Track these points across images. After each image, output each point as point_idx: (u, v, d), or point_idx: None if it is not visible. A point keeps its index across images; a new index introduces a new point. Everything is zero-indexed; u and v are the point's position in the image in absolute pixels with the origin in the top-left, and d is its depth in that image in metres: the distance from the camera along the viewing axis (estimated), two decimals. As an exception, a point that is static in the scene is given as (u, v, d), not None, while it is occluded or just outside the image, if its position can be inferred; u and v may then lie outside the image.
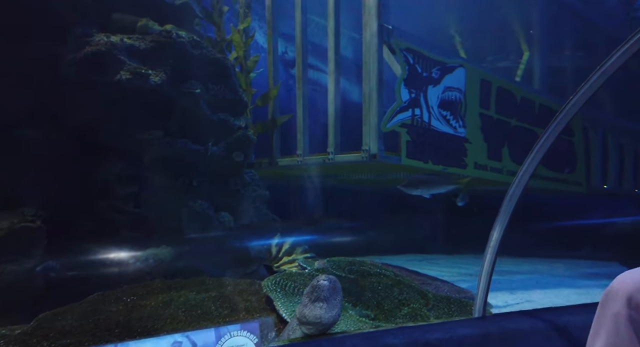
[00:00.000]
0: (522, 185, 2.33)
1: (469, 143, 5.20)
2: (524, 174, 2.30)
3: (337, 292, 2.33)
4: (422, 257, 7.83)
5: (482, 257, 7.82)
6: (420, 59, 4.77)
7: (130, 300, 2.70)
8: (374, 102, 4.47)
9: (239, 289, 3.10)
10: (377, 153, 4.44)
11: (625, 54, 1.80)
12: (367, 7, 4.46)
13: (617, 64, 1.81)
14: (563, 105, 2.07)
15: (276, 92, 5.16)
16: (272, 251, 4.66)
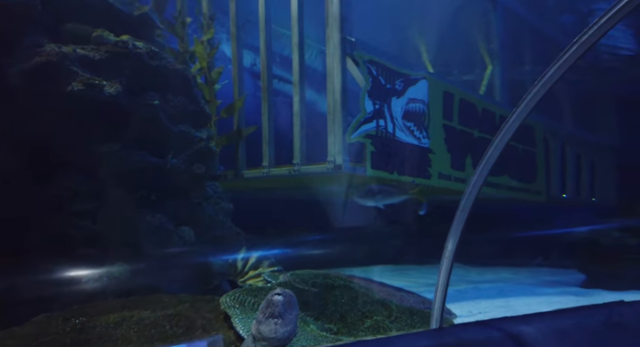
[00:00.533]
0: (473, 196, 2.36)
1: (433, 154, 5.28)
2: (474, 186, 2.34)
3: (293, 306, 2.29)
4: (394, 267, 7.85)
5: (454, 268, 7.83)
6: (384, 71, 4.84)
7: (78, 321, 2.57)
8: (338, 113, 4.49)
9: (197, 306, 3.00)
10: (342, 164, 4.45)
11: (561, 68, 1.86)
12: (329, 19, 4.51)
13: (554, 77, 1.86)
14: (507, 119, 2.11)
15: (241, 104, 5.12)
16: (238, 265, 4.57)
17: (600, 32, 1.74)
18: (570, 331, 2.48)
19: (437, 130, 5.37)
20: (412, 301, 4.29)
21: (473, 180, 2.34)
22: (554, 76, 1.90)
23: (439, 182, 5.33)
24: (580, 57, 1.83)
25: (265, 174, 4.87)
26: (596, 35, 1.76)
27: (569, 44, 1.84)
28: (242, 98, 5.15)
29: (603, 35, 1.75)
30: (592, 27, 1.77)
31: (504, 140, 2.15)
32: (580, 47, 1.80)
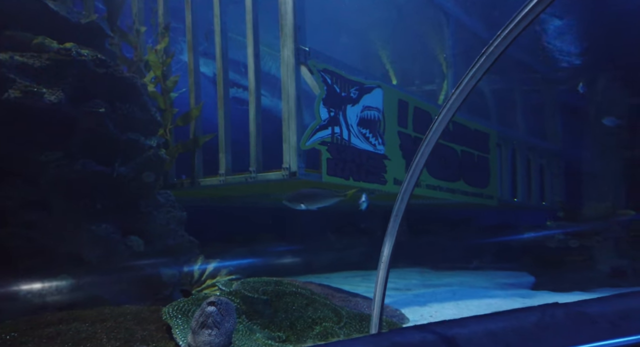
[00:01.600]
0: (405, 202, 2.43)
1: (388, 160, 5.39)
2: (405, 192, 2.40)
3: (229, 315, 2.29)
4: (360, 273, 7.92)
5: (410, 270, 7.99)
6: (339, 79, 4.92)
7: (9, 337, 2.49)
8: (292, 120, 4.52)
9: (140, 317, 2.95)
10: (297, 171, 4.47)
11: (476, 75, 1.95)
12: (283, 29, 4.56)
13: (470, 86, 1.96)
14: (430, 126, 2.19)
15: (198, 112, 5.09)
16: (195, 274, 4.52)
17: (504, 44, 1.84)
18: (503, 332, 2.57)
19: (393, 137, 5.49)
20: (366, 306, 4.35)
21: (404, 186, 2.41)
22: (467, 86, 1.99)
23: (395, 187, 5.43)
24: (489, 68, 1.93)
25: (221, 182, 4.84)
26: (501, 47, 1.86)
27: (478, 56, 1.93)
28: (199, 106, 5.12)
29: (508, 46, 1.86)
30: (496, 39, 1.86)
31: (427, 150, 2.22)
32: (487, 59, 1.90)
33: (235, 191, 5.23)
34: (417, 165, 2.37)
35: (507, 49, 1.90)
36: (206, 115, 5.48)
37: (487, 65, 1.96)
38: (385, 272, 2.59)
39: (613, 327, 2.75)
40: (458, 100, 2.11)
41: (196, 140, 5.06)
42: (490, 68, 1.99)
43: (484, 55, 1.96)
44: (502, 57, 5.81)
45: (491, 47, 1.92)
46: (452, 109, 2.15)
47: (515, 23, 1.82)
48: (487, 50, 1.95)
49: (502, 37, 1.88)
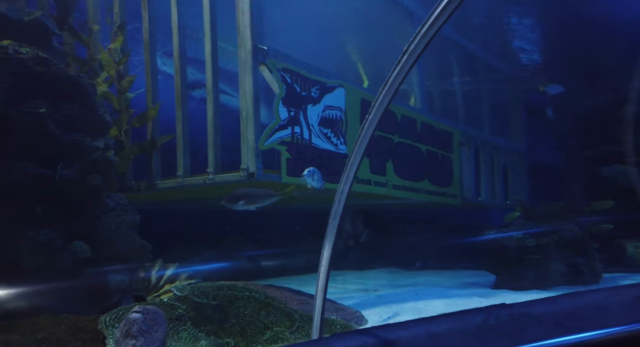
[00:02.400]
0: (342, 204, 2.38)
1: (352, 160, 5.34)
2: (342, 193, 2.35)
3: (158, 323, 2.20)
4: (333, 273, 7.87)
5: (381, 271, 7.92)
6: (299, 78, 4.86)
7: None
8: (250, 120, 4.44)
9: (77, 326, 2.83)
10: (255, 172, 4.40)
11: (400, 73, 1.91)
12: (241, 28, 4.48)
13: (395, 85, 1.91)
14: (360, 130, 2.14)
15: (155, 113, 4.96)
16: (152, 279, 4.40)
17: (422, 44, 1.81)
18: (445, 334, 2.54)
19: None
20: (327, 309, 4.29)
21: (340, 187, 2.36)
22: (393, 85, 1.94)
23: (359, 186, 5.39)
24: (411, 66, 1.89)
25: (179, 184, 4.73)
26: (420, 46, 1.82)
27: (400, 55, 1.89)
28: (156, 107, 4.99)
29: (426, 47, 1.82)
30: (415, 37, 1.83)
31: (360, 151, 2.17)
32: (409, 57, 1.86)
33: (194, 193, 5.11)
34: (351, 166, 2.32)
35: (427, 48, 1.86)
36: (173, 115, 5.34)
37: (409, 64, 1.93)
38: (325, 277, 2.53)
39: (558, 326, 2.75)
40: (386, 99, 2.07)
41: (153, 142, 4.93)
42: (413, 65, 1.96)
43: (406, 53, 1.93)
44: (469, 58, 5.80)
45: (412, 45, 1.89)
46: (380, 108, 2.11)
47: (434, 18, 1.79)
48: (409, 48, 1.91)
49: (421, 34, 1.84)
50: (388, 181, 5.71)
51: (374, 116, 2.10)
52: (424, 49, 1.80)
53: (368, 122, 2.13)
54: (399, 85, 1.95)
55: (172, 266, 4.59)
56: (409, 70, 1.94)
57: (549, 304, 2.98)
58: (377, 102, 2.09)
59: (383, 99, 1.99)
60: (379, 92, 2.04)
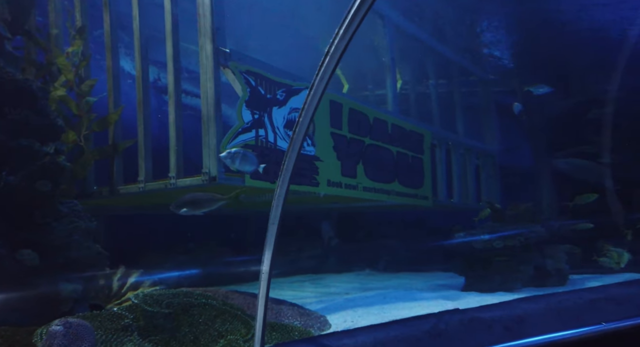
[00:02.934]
0: (280, 208, 2.32)
1: (320, 161, 5.29)
2: (279, 197, 2.29)
3: (82, 337, 2.11)
4: (311, 277, 7.80)
5: (358, 274, 7.83)
6: (263, 81, 4.80)
7: None
8: (212, 123, 4.38)
9: (14, 339, 2.73)
10: (217, 175, 4.33)
11: (324, 76, 1.86)
12: (202, 30, 4.43)
13: (321, 87, 1.86)
14: (292, 134, 2.09)
15: (117, 117, 4.87)
16: (114, 287, 4.30)
17: (341, 45, 1.76)
18: (392, 342, 2.49)
19: (325, 139, 5.40)
20: (289, 314, 4.22)
21: (277, 192, 2.30)
22: (318, 88, 1.89)
23: (329, 189, 5.34)
24: (334, 68, 1.84)
25: (141, 189, 4.64)
26: (340, 47, 1.77)
27: (323, 56, 1.85)
28: (118, 111, 4.90)
29: (345, 48, 1.78)
30: (335, 38, 1.78)
31: (293, 155, 2.12)
32: (330, 59, 1.81)
33: (158, 198, 5.02)
34: (286, 170, 2.26)
35: (347, 48, 1.81)
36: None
37: (332, 66, 1.88)
38: (266, 285, 2.46)
39: (507, 331, 2.71)
40: (313, 102, 2.02)
41: (115, 146, 4.84)
42: (336, 68, 1.91)
43: (328, 55, 1.88)
44: (444, 61, 5.73)
45: (332, 46, 1.84)
46: (309, 111, 2.06)
47: (349, 19, 1.74)
48: (330, 50, 1.86)
49: (339, 36, 1.79)
50: (359, 184, 5.66)
51: (303, 119, 2.04)
52: (344, 49, 1.75)
53: (298, 126, 2.07)
54: (324, 89, 1.90)
55: (135, 273, 4.50)
56: (333, 72, 1.89)
57: (502, 309, 2.94)
58: (305, 106, 2.03)
59: (310, 103, 1.94)
60: (305, 97, 1.98)
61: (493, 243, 4.62)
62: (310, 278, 7.70)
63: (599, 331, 2.52)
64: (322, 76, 1.90)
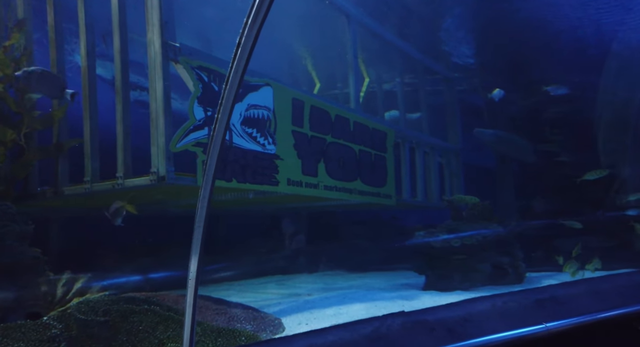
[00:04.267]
0: (205, 210, 2.18)
1: (280, 160, 5.15)
2: (203, 199, 2.15)
3: None
4: (278, 278, 7.66)
5: (324, 274, 7.68)
6: (217, 77, 4.63)
7: None
8: (161, 121, 4.19)
9: None
10: (165, 175, 4.14)
11: (237, 75, 1.73)
12: (149, 24, 4.24)
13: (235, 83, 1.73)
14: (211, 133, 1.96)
15: (62, 114, 4.62)
16: (58, 292, 4.08)
17: (252, 35, 1.64)
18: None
19: (286, 137, 5.26)
20: (242, 319, 4.08)
21: (201, 193, 2.15)
22: (233, 83, 1.77)
23: (289, 188, 5.20)
24: (247, 60, 1.72)
25: (87, 190, 4.41)
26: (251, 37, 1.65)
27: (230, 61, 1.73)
28: (63, 108, 4.65)
29: (256, 38, 1.66)
30: (245, 29, 1.65)
31: (214, 154, 1.98)
32: (242, 50, 1.69)
33: (106, 199, 4.79)
34: (208, 169, 2.12)
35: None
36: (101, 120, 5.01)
37: (245, 57, 1.75)
38: (193, 291, 2.31)
39: (450, 333, 2.64)
40: (230, 97, 1.89)
41: (59, 145, 4.59)
42: (249, 60, 1.78)
43: (240, 47, 1.75)
44: (409, 60, 5.55)
45: (242, 37, 1.71)
46: (226, 108, 1.92)
47: (256, 8, 1.61)
48: (241, 41, 1.73)
49: (248, 26, 1.67)
50: (320, 182, 5.55)
51: (221, 116, 1.91)
52: (255, 41, 1.62)
53: (217, 124, 1.93)
54: (239, 83, 1.77)
55: (82, 278, 4.29)
56: (247, 64, 1.76)
57: (448, 310, 2.88)
58: (222, 102, 1.90)
59: (227, 99, 1.81)
60: (222, 91, 1.85)
61: (451, 242, 4.57)
62: (277, 279, 7.58)
63: (542, 331, 2.48)
64: (236, 69, 1.77)
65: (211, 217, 6.99)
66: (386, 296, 4.58)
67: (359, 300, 4.52)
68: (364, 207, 7.06)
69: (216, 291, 5.99)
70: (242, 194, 5.33)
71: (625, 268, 4.92)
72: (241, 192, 5.17)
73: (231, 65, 1.77)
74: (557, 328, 2.50)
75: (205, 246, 2.28)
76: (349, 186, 5.81)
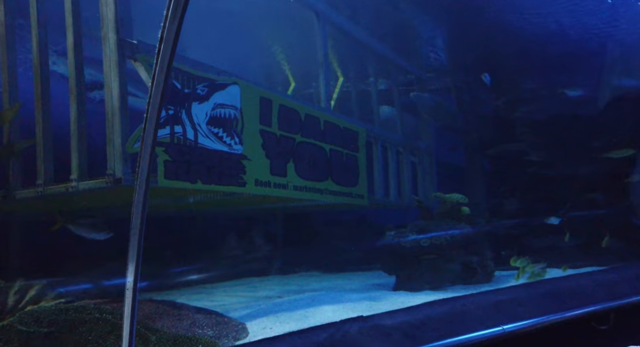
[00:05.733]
0: (140, 216, 2.04)
1: (247, 160, 5.02)
2: (137, 204, 2.02)
3: None
4: (251, 280, 7.51)
5: (300, 275, 7.52)
6: (179, 74, 4.47)
7: None
8: (117, 120, 4.03)
9: None
10: (122, 177, 3.97)
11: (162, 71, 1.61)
12: (104, 21, 4.07)
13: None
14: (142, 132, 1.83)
15: (14, 114, 4.40)
16: (9, 301, 3.87)
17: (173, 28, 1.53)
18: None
19: (254, 136, 5.13)
20: (204, 324, 3.94)
21: (134, 197, 2.02)
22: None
23: (257, 189, 5.07)
24: (172, 54, 1.60)
25: (39, 193, 4.20)
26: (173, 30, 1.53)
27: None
28: (15, 107, 4.43)
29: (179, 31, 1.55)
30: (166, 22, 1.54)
31: (146, 155, 1.85)
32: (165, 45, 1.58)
33: (61, 203, 4.60)
34: (141, 172, 1.99)
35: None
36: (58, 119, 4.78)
37: (168, 52, 1.64)
38: (131, 302, 2.17)
39: (405, 338, 2.55)
40: (157, 96, 1.77)
41: (11, 147, 4.37)
42: (174, 54, 1.67)
43: (162, 41, 1.63)
44: (381, 58, 5.38)
45: (164, 30, 1.60)
46: (154, 106, 1.80)
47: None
48: (163, 35, 1.61)
49: (169, 19, 1.56)
50: (289, 183, 5.43)
51: (150, 115, 1.78)
52: (178, 32, 1.51)
53: (147, 123, 1.81)
54: (165, 80, 1.65)
55: (36, 286, 4.08)
56: (172, 59, 1.64)
57: (407, 314, 2.80)
58: (150, 100, 1.78)
59: (154, 97, 1.68)
60: (149, 90, 1.73)
61: (420, 242, 4.51)
62: (250, 281, 7.43)
63: (499, 333, 2.42)
64: (161, 65, 1.65)
65: (182, 220, 6.76)
66: (355, 298, 4.48)
67: (328, 302, 4.41)
68: (337, 208, 6.96)
69: (186, 295, 5.83)
70: (211, 195, 5.19)
71: (591, 266, 4.95)
72: (208, 193, 5.03)
73: (156, 61, 1.65)
74: (514, 330, 2.44)
75: (170, 251, 2.14)
76: (319, 186, 5.70)
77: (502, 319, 2.51)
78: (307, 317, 3.96)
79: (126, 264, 2.17)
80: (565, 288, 3.08)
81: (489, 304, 2.67)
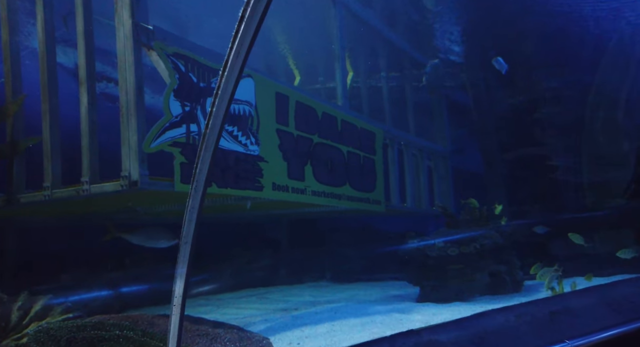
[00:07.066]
0: (194, 224, 1.80)
1: (264, 162, 4.74)
2: (192, 210, 1.77)
3: None
4: (259, 291, 7.18)
5: (310, 286, 7.21)
6: (195, 66, 4.15)
7: None
8: (133, 116, 3.70)
9: None
10: (138, 180, 3.65)
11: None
12: (118, 3, 3.70)
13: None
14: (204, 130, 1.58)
15: (16, 108, 4.02)
16: (12, 317, 3.55)
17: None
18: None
19: (270, 136, 4.83)
20: (226, 340, 3.68)
21: (189, 203, 1.77)
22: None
23: (274, 194, 4.78)
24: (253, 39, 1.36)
25: (47, 197, 3.83)
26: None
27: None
28: (19, 101, 4.06)
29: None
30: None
31: (207, 156, 1.60)
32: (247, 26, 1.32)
33: (71, 207, 4.24)
34: (199, 175, 1.75)
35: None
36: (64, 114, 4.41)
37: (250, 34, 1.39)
38: (179, 314, 1.93)
39: (469, 356, 2.37)
40: (228, 89, 1.52)
41: (15, 145, 4.00)
42: (255, 38, 1.43)
43: (244, 21, 1.38)
44: (394, 50, 5.03)
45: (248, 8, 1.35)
46: (224, 100, 1.56)
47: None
48: (245, 14, 1.37)
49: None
50: (307, 187, 5.15)
51: (217, 111, 1.53)
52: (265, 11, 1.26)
53: (212, 119, 1.56)
54: (241, 69, 1.40)
55: (41, 299, 3.76)
56: (252, 45, 1.39)
57: (460, 328, 2.58)
58: (219, 93, 1.53)
59: (224, 90, 1.44)
60: (217, 83, 1.48)
61: (448, 251, 4.32)
62: (258, 292, 7.12)
63: (565, 349, 2.25)
64: (237, 50, 1.40)
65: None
66: (380, 310, 4.27)
67: (352, 315, 4.19)
68: (352, 214, 6.67)
69: (192, 308, 5.50)
70: (221, 200, 4.88)
71: (617, 275, 4.83)
72: (221, 197, 4.72)
73: (232, 44, 1.39)
74: (578, 345, 2.26)
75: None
76: (337, 192, 5.42)
77: (561, 332, 2.33)
78: (335, 331, 3.73)
79: (174, 277, 1.93)
80: (617, 297, 2.93)
81: (544, 316, 2.48)
